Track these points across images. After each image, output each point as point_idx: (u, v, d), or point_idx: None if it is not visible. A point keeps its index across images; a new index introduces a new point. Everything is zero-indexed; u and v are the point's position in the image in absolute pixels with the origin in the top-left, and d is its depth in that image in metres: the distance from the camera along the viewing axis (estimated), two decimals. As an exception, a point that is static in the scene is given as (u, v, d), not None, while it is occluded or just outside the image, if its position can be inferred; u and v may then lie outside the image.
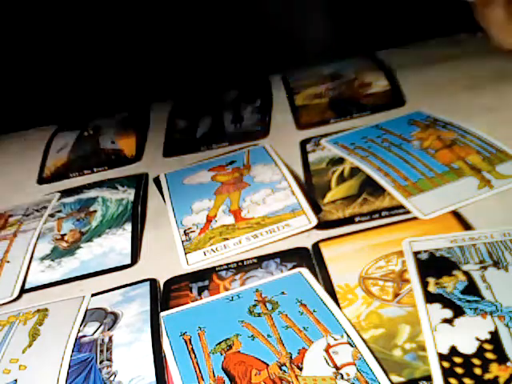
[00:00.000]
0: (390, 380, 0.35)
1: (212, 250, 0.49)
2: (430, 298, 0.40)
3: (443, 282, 0.41)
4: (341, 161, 0.57)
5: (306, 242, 0.48)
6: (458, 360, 0.35)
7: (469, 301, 0.39)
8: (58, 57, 0.76)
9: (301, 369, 0.37)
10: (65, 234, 0.56)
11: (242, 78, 0.78)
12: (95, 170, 0.67)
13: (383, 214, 0.49)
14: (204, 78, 0.82)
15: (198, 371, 0.38)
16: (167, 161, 0.66)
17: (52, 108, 0.79)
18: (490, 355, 0.35)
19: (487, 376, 0.34)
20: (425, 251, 0.44)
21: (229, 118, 0.70)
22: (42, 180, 0.68)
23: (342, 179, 0.54)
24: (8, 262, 0.53)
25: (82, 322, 0.45)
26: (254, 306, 0.42)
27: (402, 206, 0.49)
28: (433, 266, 0.42)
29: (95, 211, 0.58)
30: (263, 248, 0.49)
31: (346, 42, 0.77)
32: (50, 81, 0.77)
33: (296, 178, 0.56)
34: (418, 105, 0.63)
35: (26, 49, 0.79)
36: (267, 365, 0.37)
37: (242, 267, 0.47)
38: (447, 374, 0.34)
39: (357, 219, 0.49)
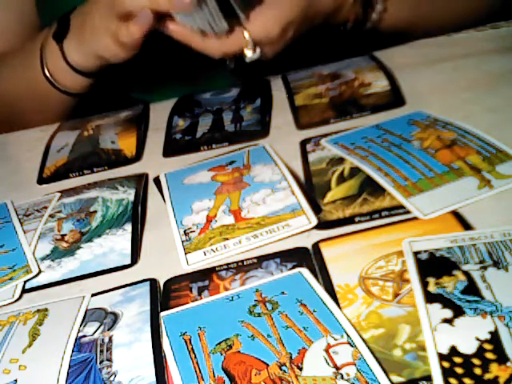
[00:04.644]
0: (390, 380, 0.35)
1: (212, 249, 0.49)
2: (430, 297, 0.40)
3: (443, 281, 0.41)
4: (341, 161, 0.57)
5: (306, 241, 0.48)
6: (457, 360, 0.35)
7: (469, 301, 0.39)
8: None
9: (301, 369, 0.37)
10: (65, 235, 0.56)
11: (242, 77, 0.78)
12: (95, 170, 0.67)
13: (383, 214, 0.49)
14: (204, 77, 0.82)
15: (198, 371, 0.38)
16: (167, 161, 0.66)
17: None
18: (490, 355, 0.35)
19: (487, 376, 0.34)
20: (425, 251, 0.44)
21: (229, 117, 0.70)
22: (41, 180, 0.68)
23: (342, 179, 0.54)
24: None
25: (82, 321, 0.45)
26: (254, 306, 0.42)
27: (402, 206, 0.49)
28: (433, 266, 0.42)
29: (95, 211, 0.58)
30: (263, 248, 0.49)
31: (346, 42, 0.77)
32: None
33: (296, 178, 0.56)
34: (418, 105, 0.63)
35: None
36: (267, 365, 0.37)
37: (241, 267, 0.47)
38: (447, 373, 0.34)
39: (357, 219, 0.49)
